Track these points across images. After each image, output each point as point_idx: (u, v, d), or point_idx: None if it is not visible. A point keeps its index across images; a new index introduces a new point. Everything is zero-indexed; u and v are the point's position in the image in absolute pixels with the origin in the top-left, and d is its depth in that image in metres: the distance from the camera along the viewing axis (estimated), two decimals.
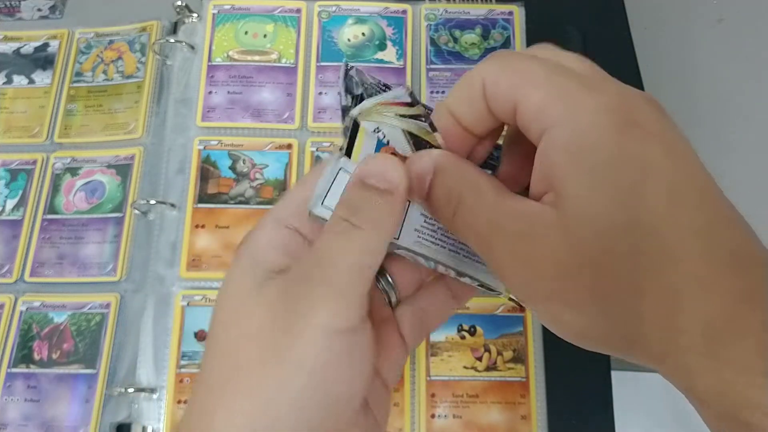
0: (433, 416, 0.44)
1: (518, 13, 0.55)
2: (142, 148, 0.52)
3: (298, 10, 0.55)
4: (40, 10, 0.60)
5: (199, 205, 0.49)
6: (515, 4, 0.56)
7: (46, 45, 0.57)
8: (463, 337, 0.46)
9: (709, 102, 0.57)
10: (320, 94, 0.53)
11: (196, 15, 0.55)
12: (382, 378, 0.25)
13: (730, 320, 0.17)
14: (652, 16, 0.59)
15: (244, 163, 0.50)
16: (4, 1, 0.60)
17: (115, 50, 0.56)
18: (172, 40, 0.54)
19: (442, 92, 0.53)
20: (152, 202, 0.49)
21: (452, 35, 0.55)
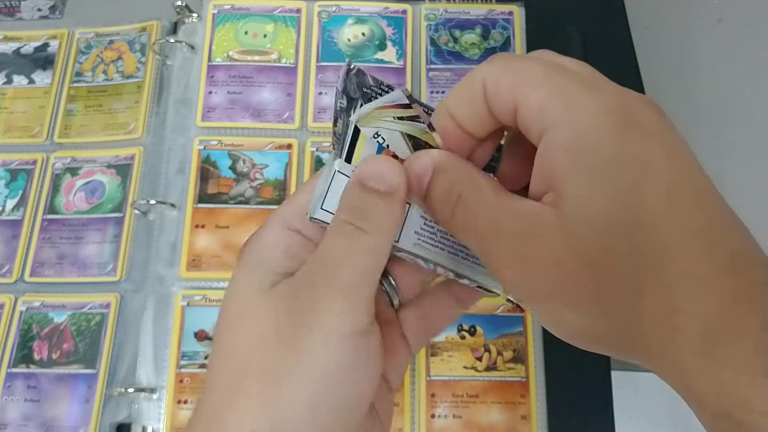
0: (433, 416, 0.44)
1: (518, 13, 0.55)
2: (142, 148, 0.52)
3: (298, 10, 0.55)
4: (40, 10, 0.60)
5: (199, 205, 0.49)
6: (515, 4, 0.56)
7: (46, 45, 0.57)
8: (463, 337, 0.46)
9: (709, 102, 0.57)
10: (320, 94, 0.53)
11: (196, 15, 0.55)
12: (387, 380, 0.25)
13: (729, 320, 0.17)
14: (652, 16, 0.59)
15: (244, 163, 0.50)
16: (4, 1, 0.60)
17: (115, 50, 0.56)
18: (172, 40, 0.54)
19: (442, 92, 0.53)
20: (152, 202, 0.49)
21: (452, 35, 0.55)
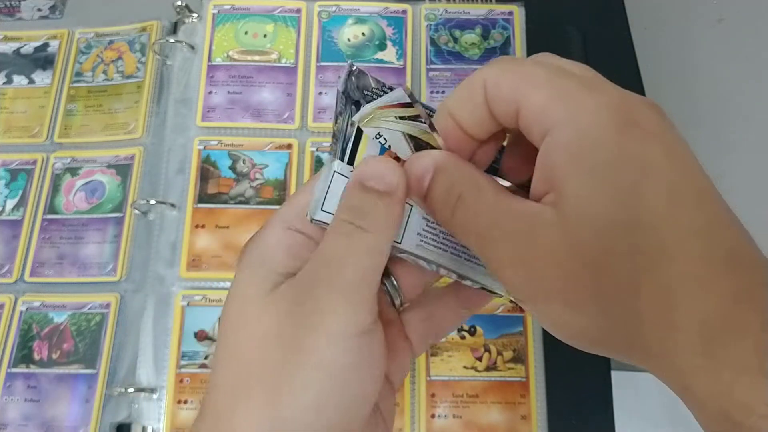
0: (433, 416, 0.44)
1: (518, 13, 0.55)
2: (142, 148, 0.52)
3: (298, 10, 0.55)
4: (40, 10, 0.60)
5: (199, 205, 0.49)
6: (515, 4, 0.56)
7: (46, 45, 0.57)
8: (463, 337, 0.46)
9: (709, 102, 0.57)
10: (320, 94, 0.53)
11: (196, 15, 0.55)
12: (389, 380, 0.25)
13: (729, 320, 0.17)
14: (652, 16, 0.59)
15: (244, 163, 0.50)
16: (4, 1, 0.60)
17: (115, 50, 0.56)
18: (172, 40, 0.54)
19: (442, 92, 0.53)
20: (152, 202, 0.49)
21: (452, 35, 0.55)
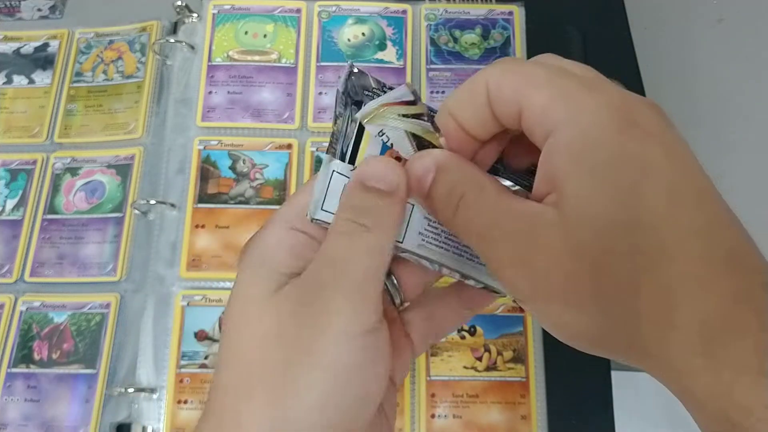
0: (433, 416, 0.44)
1: (518, 13, 0.55)
2: (142, 148, 0.52)
3: (298, 10, 0.55)
4: (40, 10, 0.60)
5: (199, 205, 0.49)
6: (515, 4, 0.56)
7: (46, 45, 0.57)
8: (463, 337, 0.46)
9: (709, 102, 0.57)
10: (320, 94, 0.53)
11: (196, 15, 0.55)
12: (391, 378, 0.25)
13: (728, 320, 0.17)
14: (652, 16, 0.59)
15: (244, 163, 0.50)
16: (4, 1, 0.60)
17: (115, 50, 0.56)
18: (172, 40, 0.54)
19: (442, 92, 0.53)
20: (152, 202, 0.49)
21: (452, 35, 0.55)
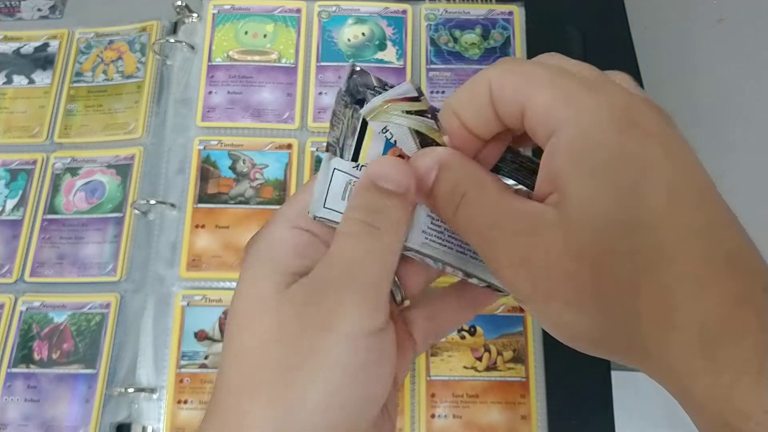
0: (433, 416, 0.44)
1: (518, 13, 0.55)
2: (142, 148, 0.52)
3: (298, 10, 0.55)
4: (40, 10, 0.60)
5: (199, 205, 0.49)
6: (515, 4, 0.56)
7: (46, 45, 0.57)
8: (463, 337, 0.46)
9: (709, 102, 0.57)
10: (320, 94, 0.53)
11: (196, 15, 0.55)
12: (394, 377, 0.25)
13: (728, 321, 0.17)
14: (652, 16, 0.59)
15: (244, 163, 0.50)
16: (4, 1, 0.60)
17: (115, 50, 0.56)
18: (172, 40, 0.54)
19: (442, 92, 0.53)
20: (152, 202, 0.49)
21: (452, 35, 0.55)
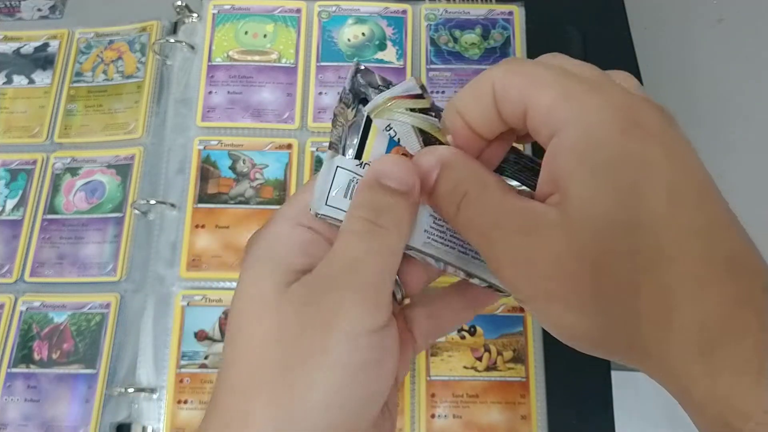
0: (433, 416, 0.44)
1: (518, 13, 0.55)
2: (142, 148, 0.52)
3: (298, 10, 0.55)
4: (40, 10, 0.60)
5: (199, 205, 0.49)
6: (515, 4, 0.56)
7: (46, 45, 0.57)
8: (463, 337, 0.46)
9: (709, 102, 0.57)
10: (320, 94, 0.53)
11: (196, 15, 0.55)
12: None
13: (728, 322, 0.17)
14: (652, 16, 0.59)
15: (244, 163, 0.50)
16: (4, 1, 0.60)
17: (115, 50, 0.56)
18: (172, 40, 0.54)
19: (442, 92, 0.53)
20: (152, 202, 0.49)
21: (452, 35, 0.55)
